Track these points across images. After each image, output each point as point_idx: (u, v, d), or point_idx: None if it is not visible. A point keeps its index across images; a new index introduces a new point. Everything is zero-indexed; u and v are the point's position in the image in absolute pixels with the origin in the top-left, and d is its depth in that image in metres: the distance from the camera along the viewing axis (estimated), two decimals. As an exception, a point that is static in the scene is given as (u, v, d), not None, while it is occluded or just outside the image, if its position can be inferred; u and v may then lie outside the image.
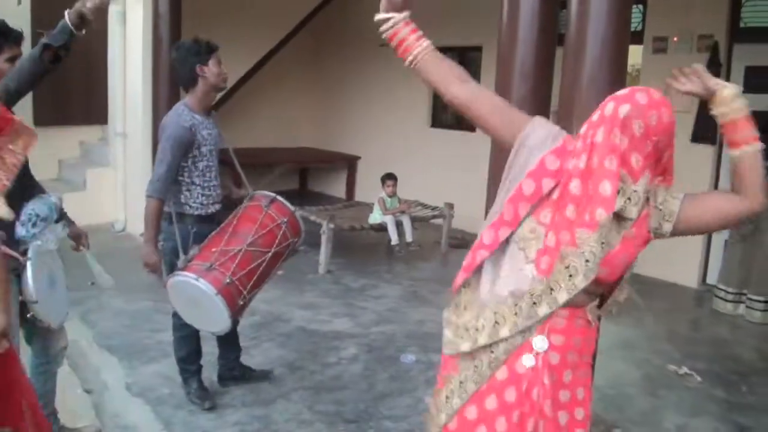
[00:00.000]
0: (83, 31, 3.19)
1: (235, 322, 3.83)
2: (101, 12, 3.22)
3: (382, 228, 7.48)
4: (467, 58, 9.51)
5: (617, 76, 3.43)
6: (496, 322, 2.10)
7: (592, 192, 1.93)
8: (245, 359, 4.52)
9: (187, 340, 4.06)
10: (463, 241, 8.36)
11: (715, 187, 7.05)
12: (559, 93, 3.66)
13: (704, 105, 7.06)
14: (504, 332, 2.09)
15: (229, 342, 4.34)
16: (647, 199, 2.02)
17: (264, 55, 10.20)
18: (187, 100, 3.93)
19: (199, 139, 3.83)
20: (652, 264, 6.97)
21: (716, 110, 2.10)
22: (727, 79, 6.97)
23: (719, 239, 7.18)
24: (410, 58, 2.28)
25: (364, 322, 5.63)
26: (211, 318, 3.59)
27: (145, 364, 4.58)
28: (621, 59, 3.46)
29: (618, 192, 1.93)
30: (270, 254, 3.71)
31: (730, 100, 2.07)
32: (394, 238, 7.42)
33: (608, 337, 4.80)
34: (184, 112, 3.85)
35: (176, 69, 3.95)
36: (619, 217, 1.98)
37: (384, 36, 2.28)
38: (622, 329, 5.53)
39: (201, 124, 3.86)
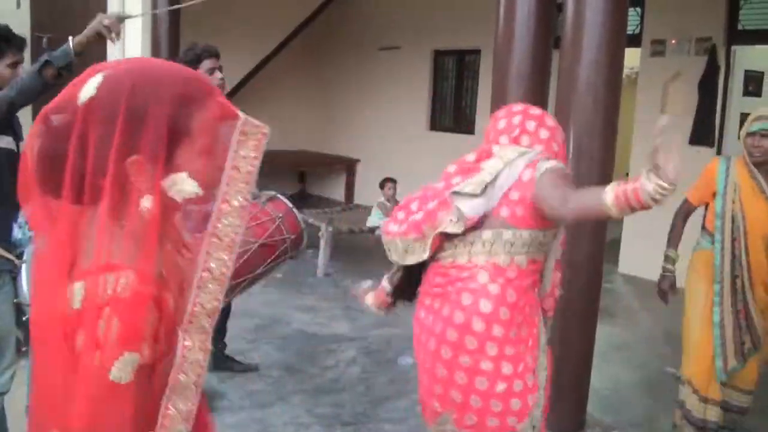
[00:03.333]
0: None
1: (224, 315, 4.07)
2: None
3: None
4: (465, 61, 9.54)
5: (613, 79, 3.45)
6: None
7: None
8: (245, 360, 4.62)
9: None
10: (462, 244, 8.37)
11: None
12: (555, 96, 3.68)
13: (702, 107, 7.10)
14: None
15: (216, 333, 4.35)
16: None
17: (263, 58, 10.24)
18: None
19: None
20: (649, 266, 6.99)
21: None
22: (726, 83, 6.99)
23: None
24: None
25: (362, 325, 5.63)
26: None
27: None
28: (617, 62, 3.48)
29: None
30: (257, 244, 3.70)
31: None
32: (393, 241, 7.41)
33: (605, 340, 4.82)
34: None
35: None
36: None
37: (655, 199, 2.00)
38: (619, 331, 5.53)
39: None
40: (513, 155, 2.36)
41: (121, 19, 2.73)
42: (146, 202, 1.27)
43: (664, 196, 1.93)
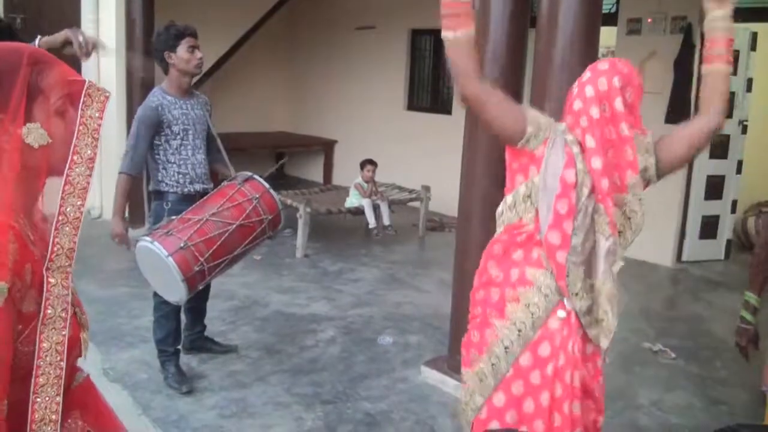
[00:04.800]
0: None
1: (203, 297, 4.19)
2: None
3: (359, 211, 7.49)
4: (442, 40, 9.51)
5: (589, 58, 3.45)
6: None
7: (616, 160, 2.25)
8: (225, 341, 4.66)
9: (166, 320, 4.08)
10: (439, 224, 8.41)
11: (690, 169, 7.13)
12: (531, 75, 3.68)
13: (677, 86, 7.18)
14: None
15: (195, 314, 4.48)
16: None
17: (239, 38, 10.16)
18: (163, 83, 4.08)
19: (169, 118, 3.94)
20: (637, 243, 7.05)
21: (705, 26, 2.37)
22: (701, 61, 7.02)
23: (694, 218, 7.28)
24: (457, 34, 2.31)
25: (341, 305, 5.65)
26: (169, 284, 3.60)
27: (122, 350, 4.57)
28: (592, 40, 3.49)
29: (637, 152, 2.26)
30: (235, 226, 3.70)
31: (719, 18, 2.33)
32: (372, 222, 7.43)
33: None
34: (155, 93, 4.01)
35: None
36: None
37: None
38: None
39: (172, 104, 3.97)
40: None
41: (95, 45, 2.70)
42: (5, 145, 1.54)
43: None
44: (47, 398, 1.64)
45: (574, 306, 2.25)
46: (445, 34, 2.32)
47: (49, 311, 1.62)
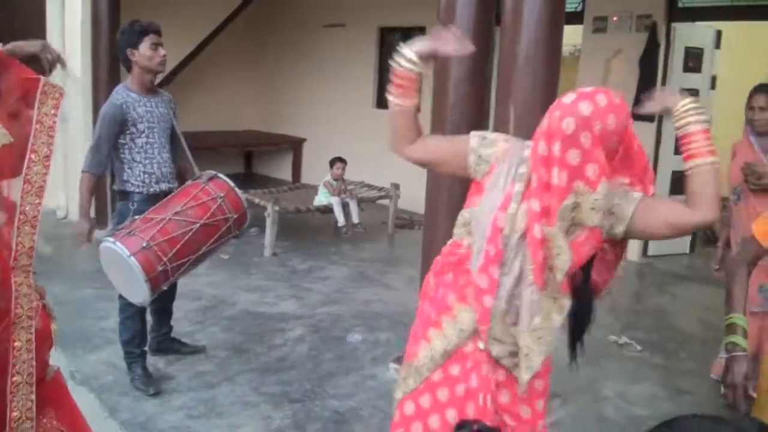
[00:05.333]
0: None
1: (169, 297, 4.21)
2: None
3: (328, 210, 7.48)
4: (411, 38, 9.50)
5: (552, 56, 3.49)
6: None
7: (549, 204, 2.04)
8: (192, 342, 4.63)
9: (132, 321, 4.05)
10: (409, 222, 8.42)
11: (655, 165, 7.21)
12: (497, 72, 3.71)
13: (642, 83, 7.25)
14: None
15: (161, 315, 4.45)
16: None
17: (206, 36, 10.09)
18: (127, 81, 4.03)
19: (134, 116, 3.90)
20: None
21: (675, 124, 2.14)
22: (666, 59, 7.13)
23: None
24: (405, 103, 2.37)
25: (310, 304, 5.64)
26: (132, 284, 3.54)
27: (88, 352, 4.52)
28: (556, 38, 3.52)
29: (573, 205, 2.02)
30: (198, 225, 3.66)
31: (685, 113, 2.11)
32: (341, 220, 7.43)
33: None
34: (119, 90, 3.96)
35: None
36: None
37: (397, 71, 2.33)
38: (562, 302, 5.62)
39: (137, 102, 3.92)
40: None
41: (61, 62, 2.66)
42: None
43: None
44: (23, 396, 1.66)
45: (491, 350, 2.20)
46: (393, 100, 2.37)
47: (18, 310, 1.64)
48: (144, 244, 3.49)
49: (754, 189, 3.93)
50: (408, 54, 2.29)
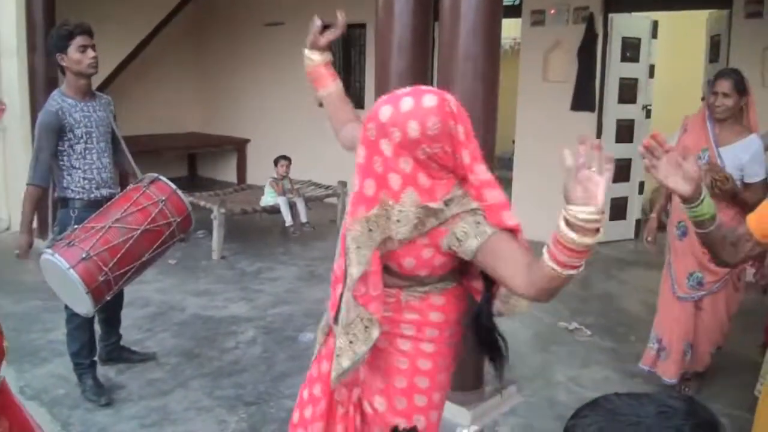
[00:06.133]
0: None
1: (116, 305, 4.16)
2: None
3: (275, 210, 7.43)
4: (352, 35, 9.51)
5: (491, 49, 3.53)
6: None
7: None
8: (142, 350, 4.56)
9: (79, 332, 3.97)
10: (357, 218, 8.40)
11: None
12: (437, 67, 3.73)
13: (582, 74, 7.34)
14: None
15: (109, 324, 4.38)
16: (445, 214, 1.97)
17: (144, 37, 9.90)
18: (62, 86, 3.94)
19: (71, 122, 3.81)
20: (539, 228, 7.22)
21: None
22: (604, 50, 7.25)
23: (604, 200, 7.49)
24: (323, 93, 2.56)
25: (261, 305, 5.61)
26: (75, 296, 3.48)
27: (37, 366, 4.42)
28: (494, 31, 3.55)
29: (377, 215, 1.95)
30: (140, 231, 3.58)
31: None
32: (288, 220, 7.39)
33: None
34: (54, 97, 3.87)
35: None
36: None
37: (305, 69, 2.58)
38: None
39: (73, 107, 3.84)
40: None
41: None
42: None
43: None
44: None
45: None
46: (317, 93, 2.57)
47: None
48: (83, 255, 3.41)
49: (718, 193, 3.64)
50: (305, 52, 2.59)
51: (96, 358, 4.12)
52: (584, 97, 7.25)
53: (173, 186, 3.82)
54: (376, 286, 2.02)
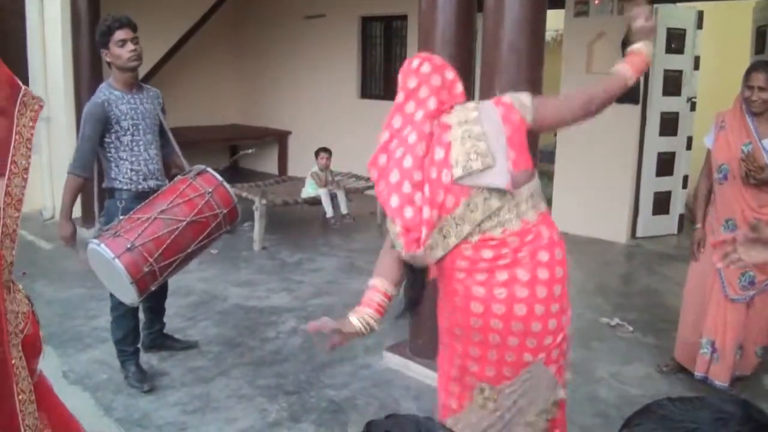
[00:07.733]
0: None
1: (161, 295, 4.24)
2: None
3: (316, 201, 7.47)
4: (393, 27, 9.51)
5: (535, 39, 3.50)
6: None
7: None
8: (185, 338, 4.64)
9: (124, 319, 4.04)
10: (397, 211, 8.40)
11: (641, 147, 7.25)
12: (480, 57, 3.71)
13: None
14: None
15: (154, 313, 4.44)
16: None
17: (187, 31, 10.01)
18: (110, 78, 4.01)
19: (117, 114, 3.86)
20: (581, 222, 7.15)
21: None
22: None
23: (647, 195, 7.40)
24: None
25: (301, 296, 5.64)
26: (120, 285, 3.51)
27: (80, 352, 4.51)
28: (539, 22, 3.52)
29: None
30: (185, 223, 3.58)
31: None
32: (329, 211, 7.42)
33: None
34: (101, 89, 3.94)
35: None
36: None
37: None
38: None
39: (120, 99, 3.89)
40: (469, 113, 2.33)
41: None
42: None
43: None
44: (29, 414, 1.63)
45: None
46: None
47: (10, 327, 1.58)
48: (129, 245, 3.43)
49: (755, 182, 3.74)
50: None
51: (139, 346, 4.18)
52: (628, 90, 7.14)
53: (220, 178, 3.82)
54: None
